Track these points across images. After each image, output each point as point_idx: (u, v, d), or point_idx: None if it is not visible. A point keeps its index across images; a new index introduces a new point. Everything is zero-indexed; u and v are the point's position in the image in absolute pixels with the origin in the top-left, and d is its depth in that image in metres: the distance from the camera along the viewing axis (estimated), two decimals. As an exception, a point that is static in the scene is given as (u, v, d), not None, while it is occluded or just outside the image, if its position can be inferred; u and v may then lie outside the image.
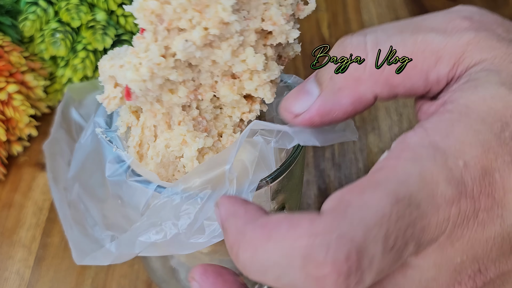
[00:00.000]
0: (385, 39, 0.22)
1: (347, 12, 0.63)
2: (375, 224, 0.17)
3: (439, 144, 0.19)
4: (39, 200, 0.44)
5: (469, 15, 0.22)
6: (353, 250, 0.17)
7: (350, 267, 0.17)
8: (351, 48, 0.22)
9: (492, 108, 0.19)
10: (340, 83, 0.22)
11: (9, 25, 0.47)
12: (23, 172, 0.46)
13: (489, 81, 0.20)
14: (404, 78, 0.21)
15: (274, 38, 0.26)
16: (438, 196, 0.18)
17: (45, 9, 0.47)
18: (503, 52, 0.20)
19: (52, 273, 0.40)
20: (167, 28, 0.24)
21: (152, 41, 0.25)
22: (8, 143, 0.46)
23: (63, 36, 0.47)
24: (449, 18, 0.22)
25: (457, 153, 0.19)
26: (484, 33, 0.21)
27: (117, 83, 0.27)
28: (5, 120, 0.45)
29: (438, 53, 0.21)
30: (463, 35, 0.21)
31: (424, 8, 0.64)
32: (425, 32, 0.21)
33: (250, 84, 0.27)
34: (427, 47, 0.21)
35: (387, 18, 0.62)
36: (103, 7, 0.48)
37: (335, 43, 0.23)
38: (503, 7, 0.63)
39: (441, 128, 0.19)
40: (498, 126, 0.19)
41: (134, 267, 0.40)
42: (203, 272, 0.23)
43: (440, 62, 0.21)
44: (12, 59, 0.45)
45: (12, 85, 0.44)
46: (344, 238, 0.17)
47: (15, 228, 0.42)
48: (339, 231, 0.17)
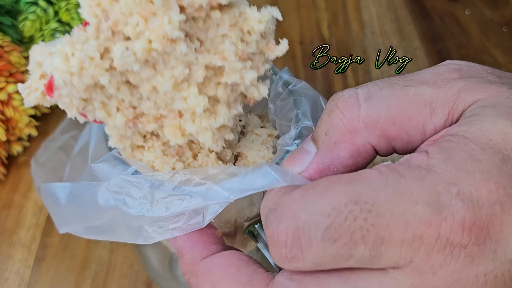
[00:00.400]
0: (376, 90, 0.21)
1: (347, 12, 0.63)
2: (321, 213, 0.18)
3: (435, 168, 0.19)
4: (39, 200, 0.44)
5: (458, 67, 0.22)
6: (291, 227, 0.19)
7: (286, 241, 0.19)
8: (343, 100, 0.21)
9: (491, 140, 0.19)
10: (336, 137, 0.21)
11: (9, 25, 0.47)
12: (23, 172, 0.46)
13: (486, 114, 0.19)
14: (400, 131, 0.21)
15: (227, 76, 0.24)
16: (410, 214, 0.18)
17: (45, 9, 0.47)
18: (497, 90, 0.20)
19: (52, 273, 0.40)
20: (112, 28, 0.22)
21: (92, 37, 0.22)
22: (8, 143, 0.46)
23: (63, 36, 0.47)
24: (437, 71, 0.22)
25: (452, 180, 0.18)
26: (474, 79, 0.21)
27: (43, 74, 0.24)
28: (5, 120, 0.45)
29: (432, 105, 0.20)
30: (454, 84, 0.21)
31: (424, 8, 0.64)
32: (416, 85, 0.21)
33: (191, 127, 0.24)
34: (419, 99, 0.20)
35: (387, 18, 0.62)
36: (103, 7, 0.48)
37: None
38: (503, 7, 0.63)
39: (440, 154, 0.19)
40: (499, 157, 0.18)
41: (134, 267, 0.40)
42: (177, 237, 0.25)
43: (435, 113, 0.21)
44: (12, 59, 0.45)
45: (12, 85, 0.44)
46: (290, 215, 0.19)
47: (15, 228, 0.42)
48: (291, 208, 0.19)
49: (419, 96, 0.20)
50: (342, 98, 0.22)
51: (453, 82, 0.21)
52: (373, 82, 0.22)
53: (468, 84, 0.20)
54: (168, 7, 0.21)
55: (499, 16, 0.62)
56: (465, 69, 0.22)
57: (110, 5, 0.22)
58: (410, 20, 0.62)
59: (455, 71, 0.21)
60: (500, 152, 0.18)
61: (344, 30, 0.61)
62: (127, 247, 0.41)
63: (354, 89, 0.22)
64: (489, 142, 0.19)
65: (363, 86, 0.22)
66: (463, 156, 0.18)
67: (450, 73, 0.21)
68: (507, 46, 0.58)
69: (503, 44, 0.58)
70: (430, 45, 0.59)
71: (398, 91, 0.21)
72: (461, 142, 0.19)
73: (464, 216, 0.18)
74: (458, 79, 0.21)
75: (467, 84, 0.20)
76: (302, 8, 0.64)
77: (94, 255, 0.40)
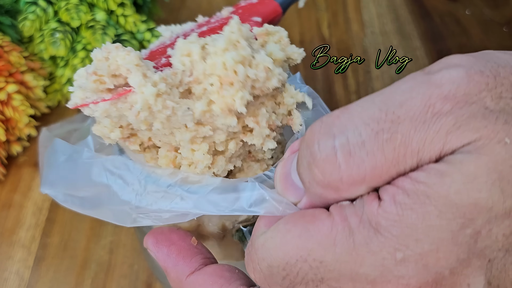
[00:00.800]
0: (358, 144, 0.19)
1: (347, 11, 0.63)
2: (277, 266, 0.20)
3: (383, 230, 0.18)
4: (38, 200, 0.44)
5: (453, 91, 0.19)
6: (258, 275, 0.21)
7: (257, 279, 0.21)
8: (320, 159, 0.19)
9: (456, 203, 0.17)
10: (320, 191, 0.20)
11: (8, 25, 0.47)
12: (22, 172, 0.46)
13: (463, 172, 0.18)
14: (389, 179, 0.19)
15: (251, 138, 0.26)
16: (356, 275, 0.18)
17: (45, 9, 0.47)
18: (490, 130, 0.18)
19: (51, 273, 0.40)
20: (189, 85, 0.25)
21: (175, 85, 0.24)
22: (7, 143, 0.46)
23: (63, 36, 0.47)
24: (429, 99, 0.19)
25: (399, 245, 0.18)
26: (467, 112, 0.18)
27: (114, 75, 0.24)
28: (5, 120, 0.45)
29: (419, 154, 0.18)
30: (443, 124, 0.18)
31: (424, 7, 0.64)
32: (403, 130, 0.18)
33: (185, 166, 0.26)
34: (406, 151, 0.18)
35: (387, 18, 0.62)
36: (103, 7, 0.48)
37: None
38: (503, 7, 0.63)
39: (392, 211, 0.18)
40: (458, 222, 0.17)
41: (134, 267, 0.40)
42: (155, 243, 0.25)
43: (422, 161, 0.19)
44: (11, 59, 0.45)
45: (12, 85, 0.44)
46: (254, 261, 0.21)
47: (15, 228, 0.42)
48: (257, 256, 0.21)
49: (405, 147, 0.18)
50: (318, 155, 0.19)
51: (443, 119, 0.18)
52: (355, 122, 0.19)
53: (457, 122, 0.18)
54: (245, 85, 0.23)
55: (499, 16, 0.62)
56: (460, 91, 0.19)
57: (199, 60, 0.24)
58: (410, 20, 0.62)
59: (447, 101, 0.18)
60: (462, 217, 0.17)
61: (344, 30, 0.61)
62: (127, 248, 0.41)
63: (332, 141, 0.19)
64: (452, 206, 0.17)
65: (342, 136, 0.19)
66: (416, 219, 0.18)
67: (442, 103, 0.18)
68: (507, 46, 0.58)
69: (503, 44, 0.58)
70: (430, 45, 0.59)
71: (383, 143, 0.18)
72: (419, 201, 0.18)
73: (408, 282, 0.18)
74: (449, 114, 0.18)
75: (456, 124, 0.18)
76: (302, 8, 0.64)
77: (94, 255, 0.40)
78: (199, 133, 0.25)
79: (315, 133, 0.19)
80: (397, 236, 0.18)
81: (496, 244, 0.18)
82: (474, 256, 0.18)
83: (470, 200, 0.17)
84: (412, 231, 0.18)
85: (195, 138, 0.25)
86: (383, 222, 0.18)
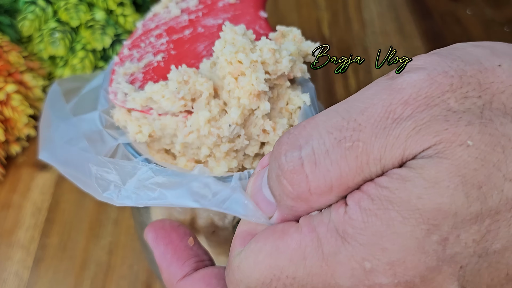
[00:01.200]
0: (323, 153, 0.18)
1: (347, 11, 0.63)
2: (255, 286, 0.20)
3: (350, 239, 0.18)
4: (37, 200, 0.44)
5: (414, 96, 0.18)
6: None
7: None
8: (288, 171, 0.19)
9: (418, 209, 0.17)
10: (291, 203, 0.20)
11: (7, 25, 0.47)
12: (21, 173, 0.46)
13: (424, 176, 0.17)
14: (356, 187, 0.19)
15: (268, 146, 0.27)
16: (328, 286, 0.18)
17: (44, 9, 0.47)
18: (451, 133, 0.17)
19: (51, 274, 0.39)
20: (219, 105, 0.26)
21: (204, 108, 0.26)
22: (6, 143, 0.46)
23: (62, 35, 0.47)
24: (390, 105, 0.18)
25: (366, 255, 0.17)
26: (428, 116, 0.18)
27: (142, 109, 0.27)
28: (4, 120, 0.45)
29: (381, 162, 0.18)
30: (403, 129, 0.18)
31: (425, 7, 0.63)
32: (364, 137, 0.18)
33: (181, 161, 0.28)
34: (369, 158, 0.18)
35: (387, 18, 0.62)
36: (102, 6, 0.48)
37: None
38: (504, 6, 0.63)
39: (357, 218, 0.18)
40: (422, 229, 0.17)
41: (133, 268, 0.40)
42: (154, 238, 0.26)
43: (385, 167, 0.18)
44: (10, 59, 0.45)
45: (11, 84, 0.44)
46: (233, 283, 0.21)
47: (14, 229, 0.42)
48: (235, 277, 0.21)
49: (367, 155, 0.18)
50: (286, 166, 0.19)
51: (402, 124, 0.18)
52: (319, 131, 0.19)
53: (417, 126, 0.18)
54: (255, 69, 0.25)
55: (500, 15, 0.61)
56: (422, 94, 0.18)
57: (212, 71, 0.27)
58: (411, 20, 0.62)
59: (407, 104, 0.18)
60: (426, 223, 0.17)
61: (345, 29, 0.60)
62: (127, 248, 0.41)
63: (298, 152, 0.19)
64: (415, 211, 0.17)
65: (308, 147, 0.19)
66: (380, 227, 0.17)
67: (403, 108, 0.18)
68: (508, 45, 0.58)
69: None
70: (431, 44, 0.58)
71: (346, 152, 0.18)
72: (382, 207, 0.17)
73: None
74: (408, 118, 0.18)
75: (416, 128, 0.18)
76: (302, 8, 0.63)
77: (93, 256, 0.40)
78: (236, 145, 0.26)
79: (283, 145, 0.19)
80: (364, 245, 0.17)
81: (467, 250, 0.17)
82: (445, 264, 0.17)
83: (432, 205, 0.17)
84: (378, 239, 0.17)
85: (230, 151, 0.26)
86: (349, 230, 0.18)
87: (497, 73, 0.18)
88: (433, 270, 0.17)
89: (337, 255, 0.18)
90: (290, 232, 0.19)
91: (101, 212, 0.43)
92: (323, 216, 0.19)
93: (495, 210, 0.17)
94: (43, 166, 0.46)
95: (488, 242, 0.17)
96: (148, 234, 0.26)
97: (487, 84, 0.18)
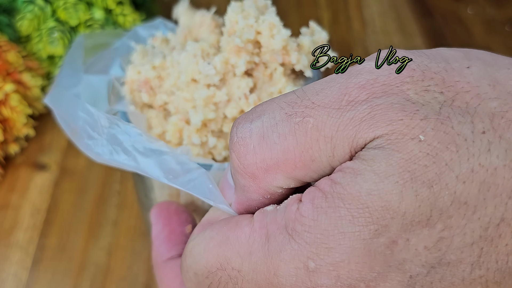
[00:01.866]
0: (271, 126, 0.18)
1: (348, 10, 0.63)
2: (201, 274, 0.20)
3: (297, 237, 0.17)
4: (36, 201, 0.44)
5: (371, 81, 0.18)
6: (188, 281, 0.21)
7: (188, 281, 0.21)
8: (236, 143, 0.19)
9: (368, 207, 0.16)
10: (242, 182, 0.20)
11: (6, 24, 0.47)
12: (20, 173, 0.46)
13: (374, 170, 0.16)
14: (306, 172, 0.18)
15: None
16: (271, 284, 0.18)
17: (43, 8, 0.47)
18: (405, 125, 0.16)
19: (49, 275, 0.39)
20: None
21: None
22: (5, 143, 0.46)
23: (61, 35, 0.46)
24: (346, 87, 0.18)
25: (311, 254, 0.17)
26: (383, 101, 0.17)
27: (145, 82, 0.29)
28: (2, 120, 0.45)
29: (332, 141, 0.17)
30: (357, 111, 0.17)
31: (426, 6, 0.63)
32: (316, 114, 0.18)
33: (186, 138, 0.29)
34: (319, 135, 0.17)
35: (388, 17, 0.62)
36: (101, 5, 0.48)
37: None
38: (506, 5, 0.62)
39: (308, 216, 0.17)
40: (371, 229, 0.16)
41: (133, 269, 0.39)
42: (157, 215, 0.26)
43: (336, 149, 0.17)
44: (9, 59, 0.45)
45: (9, 84, 0.44)
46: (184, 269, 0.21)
47: (12, 230, 0.42)
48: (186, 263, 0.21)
49: (318, 132, 0.17)
50: (235, 138, 0.19)
51: (358, 108, 0.17)
52: (272, 107, 0.19)
53: (373, 111, 0.17)
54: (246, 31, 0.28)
55: (502, 15, 0.61)
56: (380, 80, 0.18)
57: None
58: (412, 19, 0.61)
59: (364, 89, 0.17)
60: (375, 223, 0.16)
61: (345, 29, 0.60)
62: (126, 249, 0.41)
63: (248, 125, 0.19)
64: (364, 209, 0.16)
65: (258, 120, 0.19)
66: (327, 225, 0.16)
67: (358, 92, 0.17)
68: (510, 45, 0.58)
69: (505, 43, 0.58)
70: (432, 44, 0.58)
71: (295, 126, 0.18)
72: (333, 205, 0.16)
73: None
74: (364, 102, 0.17)
75: (371, 112, 0.17)
76: (302, 7, 0.63)
77: (92, 257, 0.40)
78: (216, 96, 0.28)
79: (238, 119, 0.20)
80: (310, 244, 0.17)
81: (418, 258, 0.16)
82: (392, 270, 0.16)
83: (381, 203, 0.16)
84: (324, 238, 0.16)
85: (210, 97, 0.27)
86: (298, 228, 0.17)
87: (464, 73, 0.18)
88: (378, 275, 0.16)
89: (282, 252, 0.17)
90: (242, 225, 0.19)
91: (100, 213, 0.43)
92: (278, 213, 0.18)
93: (447, 214, 0.16)
94: (42, 166, 0.46)
95: (441, 252, 0.16)
96: (153, 210, 0.27)
97: (452, 82, 0.17)
